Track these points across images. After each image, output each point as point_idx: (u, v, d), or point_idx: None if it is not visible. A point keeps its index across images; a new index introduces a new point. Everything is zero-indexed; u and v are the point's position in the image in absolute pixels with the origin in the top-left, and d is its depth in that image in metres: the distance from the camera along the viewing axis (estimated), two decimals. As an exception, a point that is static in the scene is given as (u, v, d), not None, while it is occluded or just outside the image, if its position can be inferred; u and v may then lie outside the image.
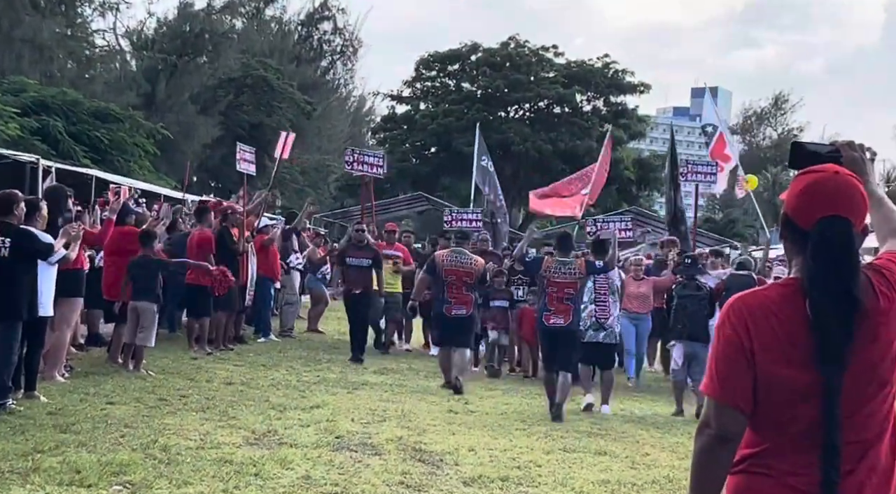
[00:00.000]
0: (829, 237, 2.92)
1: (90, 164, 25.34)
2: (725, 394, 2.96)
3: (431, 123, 55.24)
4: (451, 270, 13.54)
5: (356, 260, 16.20)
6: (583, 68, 56.98)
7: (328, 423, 10.21)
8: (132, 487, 7.14)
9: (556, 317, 11.96)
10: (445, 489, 7.82)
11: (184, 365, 13.56)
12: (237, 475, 7.69)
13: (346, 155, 20.65)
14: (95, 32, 44.68)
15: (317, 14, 61.10)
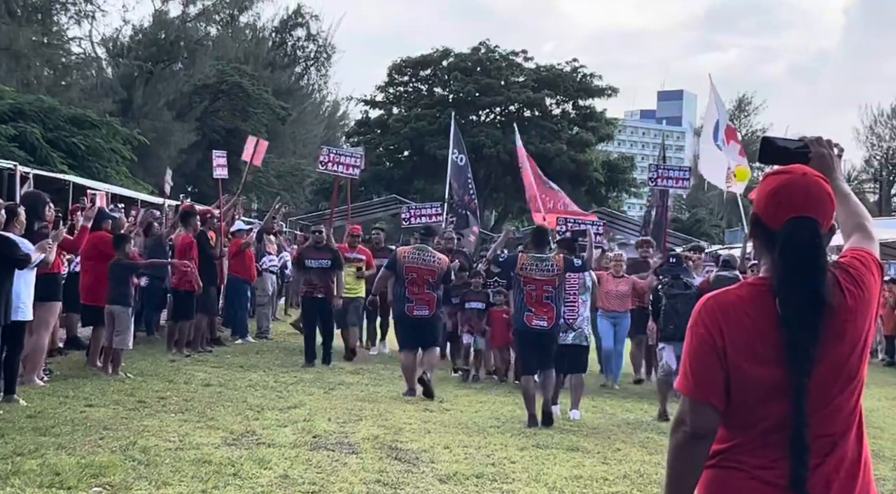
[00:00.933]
0: (797, 238, 2.94)
1: (67, 170, 25.11)
2: (699, 392, 2.97)
3: (404, 127, 55.23)
4: (413, 267, 12.62)
5: (316, 261, 15.37)
6: (552, 73, 57.08)
7: (305, 423, 10.18)
8: (112, 488, 7.09)
9: (538, 319, 11.09)
10: (421, 486, 7.81)
11: (162, 367, 13.51)
12: (216, 475, 7.66)
13: (322, 155, 19.27)
14: (72, 40, 44.47)
15: (290, 21, 61.08)
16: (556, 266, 11.18)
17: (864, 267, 3.08)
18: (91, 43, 46.06)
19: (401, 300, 12.72)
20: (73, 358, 13.50)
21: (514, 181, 54.27)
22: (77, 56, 44.98)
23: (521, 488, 8.00)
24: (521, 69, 57.75)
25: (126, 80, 43.89)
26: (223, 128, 46.08)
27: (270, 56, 58.03)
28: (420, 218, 19.48)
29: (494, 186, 55.54)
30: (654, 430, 11.37)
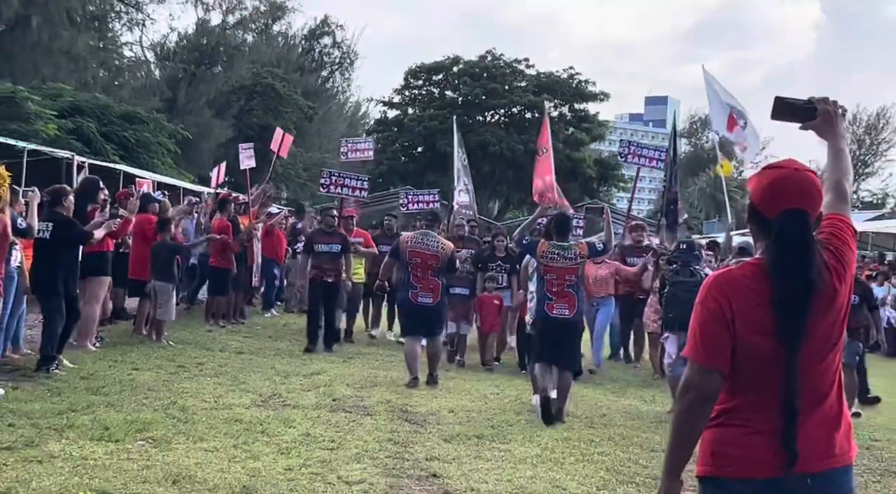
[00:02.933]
0: (790, 228, 3.01)
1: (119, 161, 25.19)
2: (709, 360, 3.04)
3: (418, 126, 55.22)
4: (416, 253, 11.06)
5: (326, 246, 13.70)
6: (551, 79, 57.01)
7: (326, 388, 10.22)
8: (154, 442, 7.13)
9: (560, 307, 9.56)
10: (428, 445, 7.83)
11: (200, 336, 13.54)
12: (246, 432, 7.71)
13: (342, 146, 18.73)
14: (124, 45, 44.57)
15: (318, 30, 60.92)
16: (580, 254, 9.74)
17: (841, 242, 3.14)
18: (141, 47, 46.27)
19: (405, 286, 11.20)
20: (121, 328, 13.53)
21: (515, 175, 54.35)
22: (129, 59, 45.07)
23: (516, 447, 8.02)
24: (522, 75, 57.66)
25: (171, 81, 43.92)
26: (257, 124, 46.02)
27: (300, 61, 57.91)
28: (418, 204, 18.15)
29: (498, 180, 55.53)
30: (636, 398, 11.38)
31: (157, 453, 6.82)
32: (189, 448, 7.03)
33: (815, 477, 2.99)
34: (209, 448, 7.10)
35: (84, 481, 5.89)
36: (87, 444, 6.87)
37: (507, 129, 55.48)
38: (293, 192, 46.44)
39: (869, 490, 7.57)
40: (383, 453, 7.42)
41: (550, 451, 7.94)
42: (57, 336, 9.86)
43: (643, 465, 7.70)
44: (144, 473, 6.22)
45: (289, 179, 47.24)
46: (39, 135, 22.68)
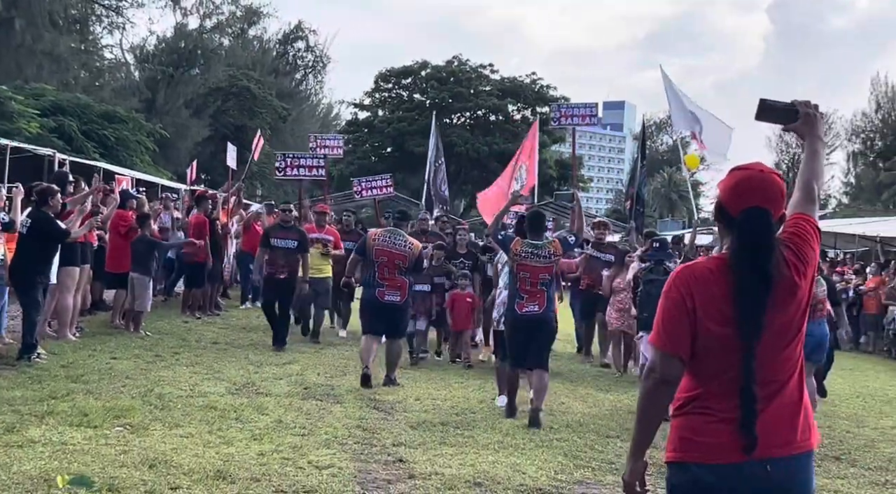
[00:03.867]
0: (751, 224, 3.05)
1: (99, 158, 25.03)
2: (670, 345, 3.08)
3: (388, 128, 55.15)
4: (383, 251, 10.28)
5: (282, 241, 12.75)
6: (514, 83, 57.15)
7: (298, 377, 10.19)
8: (131, 428, 7.08)
9: (530, 304, 8.88)
10: (395, 431, 7.82)
11: (176, 327, 13.45)
12: (221, 418, 7.67)
13: (311, 141, 17.94)
14: (105, 47, 44.16)
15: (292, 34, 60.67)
16: (554, 253, 9.00)
17: (802, 241, 3.18)
18: (121, 50, 45.86)
19: (370, 284, 10.39)
20: (99, 318, 13.41)
21: (479, 175, 54.39)
22: (109, 61, 44.69)
23: (479, 434, 8.02)
24: (487, 80, 57.74)
25: (150, 82, 43.57)
26: (233, 124, 45.83)
27: (274, 64, 57.65)
28: (371, 190, 17.12)
29: (464, 180, 55.50)
30: (592, 387, 11.40)
31: (134, 438, 6.76)
32: (165, 434, 6.98)
33: (774, 463, 3.03)
34: (185, 433, 7.05)
35: (63, 465, 5.83)
36: (67, 430, 6.81)
37: (473, 131, 55.56)
38: (267, 190, 46.24)
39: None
40: (352, 439, 7.41)
41: (511, 437, 7.95)
42: (36, 326, 9.76)
43: (599, 450, 7.74)
44: (122, 458, 6.17)
45: (264, 178, 47.03)
46: (22, 134, 22.48)
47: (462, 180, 55.19)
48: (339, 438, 7.38)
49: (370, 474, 6.42)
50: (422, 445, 7.40)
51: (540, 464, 7.06)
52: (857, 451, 8.76)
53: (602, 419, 9.20)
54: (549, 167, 55.25)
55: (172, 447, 6.58)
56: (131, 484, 5.58)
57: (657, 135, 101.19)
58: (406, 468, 6.64)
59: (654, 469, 7.26)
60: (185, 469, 6.03)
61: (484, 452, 7.34)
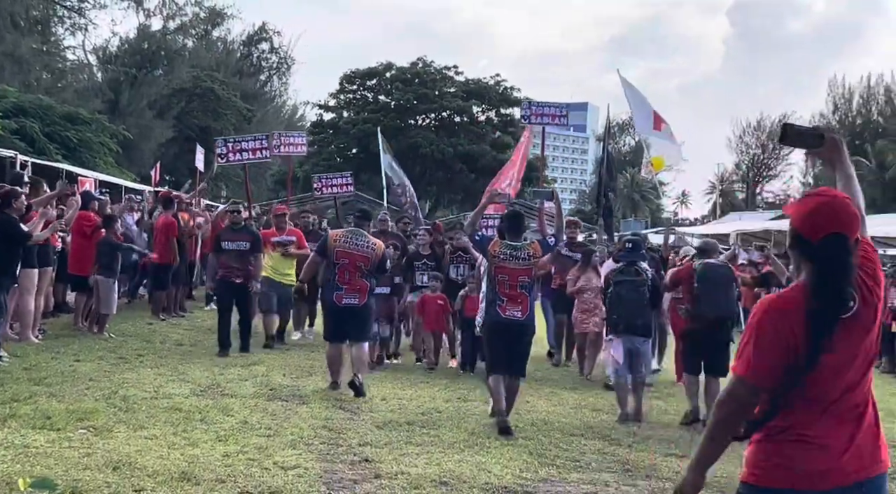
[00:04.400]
0: (832, 251, 3.05)
1: (62, 160, 24.75)
2: (757, 378, 3.08)
3: (353, 129, 54.92)
4: (345, 252, 9.70)
5: (233, 243, 12.08)
6: (478, 85, 57.16)
7: (264, 377, 10.12)
8: (95, 431, 7.01)
9: (512, 308, 8.47)
10: (361, 431, 7.80)
11: (141, 329, 13.29)
12: (185, 420, 7.61)
13: (273, 138, 16.92)
14: (67, 48, 43.81)
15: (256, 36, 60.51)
16: (533, 255, 8.59)
17: (873, 263, 3.20)
18: (84, 51, 45.54)
19: (330, 287, 9.80)
20: (63, 321, 13.23)
21: (444, 176, 54.51)
22: (72, 62, 44.32)
23: (445, 433, 8.02)
24: (452, 81, 57.68)
25: (113, 84, 43.20)
26: (197, 126, 45.55)
27: (238, 65, 57.43)
28: (331, 188, 16.44)
29: (429, 181, 55.47)
30: (556, 385, 11.42)
31: (98, 441, 6.69)
32: (129, 436, 6.91)
33: (866, 484, 3.07)
34: (149, 435, 6.98)
35: (25, 468, 5.75)
36: (30, 433, 6.72)
37: (437, 133, 55.52)
38: (232, 192, 45.99)
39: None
40: (318, 439, 7.38)
41: (477, 436, 7.96)
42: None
43: (563, 448, 7.77)
44: (85, 460, 6.10)
45: (228, 179, 46.79)
46: (-17, 136, 22.19)
47: (427, 181, 55.15)
48: (304, 438, 7.35)
49: (336, 474, 6.39)
50: (388, 445, 7.39)
51: (505, 463, 7.07)
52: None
53: (566, 417, 9.23)
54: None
55: (137, 449, 6.52)
56: (95, 487, 5.52)
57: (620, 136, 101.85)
58: (372, 467, 6.63)
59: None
60: (150, 470, 5.98)
61: (450, 451, 7.34)
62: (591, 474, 7.02)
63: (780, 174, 77.19)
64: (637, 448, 8.04)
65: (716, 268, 9.57)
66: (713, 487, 6.86)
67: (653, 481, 6.93)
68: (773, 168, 77.19)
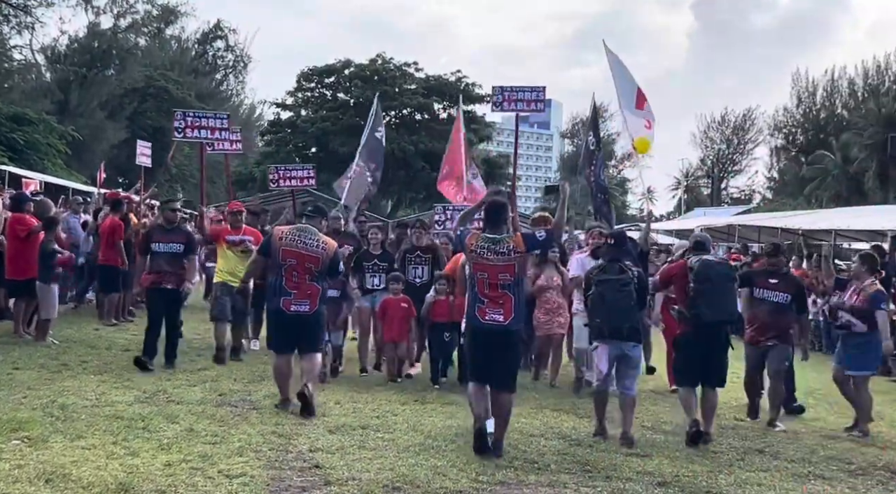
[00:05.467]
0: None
1: (8, 162, 24.37)
2: None
3: (311, 127, 54.70)
4: (292, 252, 8.74)
5: (164, 245, 10.95)
6: (439, 82, 57.10)
7: (213, 383, 9.89)
8: (30, 441, 6.78)
9: (492, 311, 7.54)
10: (312, 436, 7.62)
11: (86, 334, 12.99)
12: (127, 429, 7.39)
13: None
14: (13, 48, 43.12)
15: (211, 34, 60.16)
16: (514, 248, 7.58)
17: None
18: (31, 50, 44.91)
19: (276, 292, 8.84)
20: (4, 327, 12.89)
21: (406, 174, 54.31)
22: (18, 62, 43.77)
23: (400, 436, 7.86)
24: (412, 78, 57.57)
25: (63, 84, 42.75)
26: (151, 126, 45.12)
27: (193, 64, 57.10)
28: (289, 180, 15.02)
29: (390, 180, 55.21)
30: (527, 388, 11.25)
31: (32, 452, 6.46)
32: (66, 447, 6.68)
33: None
34: (87, 445, 6.76)
35: (-49, 483, 5.52)
36: (-43, 446, 6.47)
37: (398, 130, 55.33)
38: (188, 193, 45.53)
39: (734, 466, 7.63)
40: (267, 446, 7.18)
41: (433, 439, 7.80)
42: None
43: (522, 449, 7.64)
44: (16, 473, 5.87)
45: (184, 180, 46.35)
46: (-78, 138, 21.78)
47: (389, 180, 54.88)
48: (253, 445, 7.15)
49: (284, 482, 6.21)
50: (340, 449, 7.22)
51: (461, 466, 6.92)
52: (779, 443, 8.81)
53: (526, 417, 9.07)
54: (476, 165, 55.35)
55: (72, 459, 6.29)
56: (24, 501, 5.29)
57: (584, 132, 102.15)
58: (322, 474, 6.46)
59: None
60: (85, 482, 5.77)
61: (404, 455, 7.18)
62: (549, 476, 6.89)
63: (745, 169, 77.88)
64: (597, 448, 7.93)
65: (714, 266, 8.75)
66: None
67: (613, 481, 6.82)
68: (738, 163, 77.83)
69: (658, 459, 7.70)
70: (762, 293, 9.95)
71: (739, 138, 77.21)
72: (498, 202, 8.07)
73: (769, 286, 9.95)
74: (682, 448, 8.21)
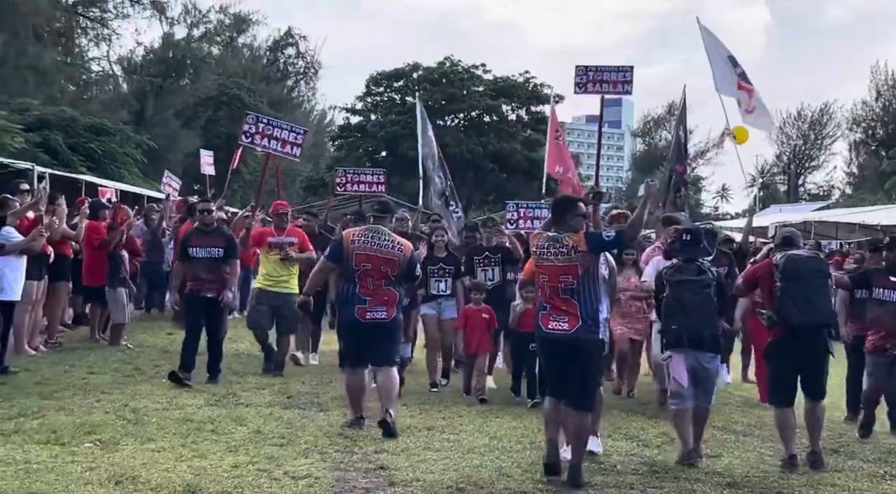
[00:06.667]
0: None
1: (87, 171, 24.96)
2: None
3: (381, 131, 54.95)
4: (365, 255, 7.98)
5: (203, 250, 10.21)
6: (507, 83, 56.91)
7: (281, 386, 9.99)
8: (101, 444, 6.93)
9: (555, 320, 6.78)
10: (378, 438, 7.63)
11: (160, 339, 13.19)
12: (196, 431, 7.51)
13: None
14: (91, 60, 44.28)
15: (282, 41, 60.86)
16: (575, 247, 6.74)
17: None
18: (108, 62, 45.97)
19: (348, 300, 8.06)
20: (80, 333, 13.20)
21: (475, 176, 54.23)
22: (96, 73, 44.86)
23: (465, 438, 7.85)
24: (480, 80, 57.50)
25: (139, 94, 43.60)
26: (224, 134, 45.76)
27: (265, 71, 57.82)
28: (358, 185, 14.06)
29: (459, 182, 55.30)
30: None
31: (103, 454, 6.59)
32: (136, 449, 6.81)
33: None
34: (157, 448, 6.88)
35: (24, 484, 5.66)
36: (33, 448, 6.64)
37: (467, 132, 55.34)
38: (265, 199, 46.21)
39: (806, 466, 7.44)
40: (333, 448, 7.23)
41: (499, 440, 7.78)
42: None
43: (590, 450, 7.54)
44: (87, 475, 6.00)
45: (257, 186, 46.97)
46: (6, 149, 22.38)
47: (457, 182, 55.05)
48: (319, 447, 7.21)
49: (349, 483, 6.25)
50: (405, 451, 7.23)
51: (526, 467, 6.88)
52: (855, 443, 8.59)
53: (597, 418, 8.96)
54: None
55: (142, 462, 6.40)
56: (94, 502, 5.40)
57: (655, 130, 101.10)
58: (387, 475, 6.47)
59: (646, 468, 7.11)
60: (153, 484, 5.86)
61: (469, 456, 7.16)
62: (616, 476, 6.82)
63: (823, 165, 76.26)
64: (665, 449, 7.81)
65: (804, 261, 7.59)
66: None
67: (681, 482, 6.72)
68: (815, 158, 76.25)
69: (728, 459, 7.58)
70: (883, 293, 8.91)
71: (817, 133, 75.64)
72: (565, 198, 7.50)
73: (891, 285, 8.89)
74: (753, 447, 8.05)
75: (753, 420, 9.10)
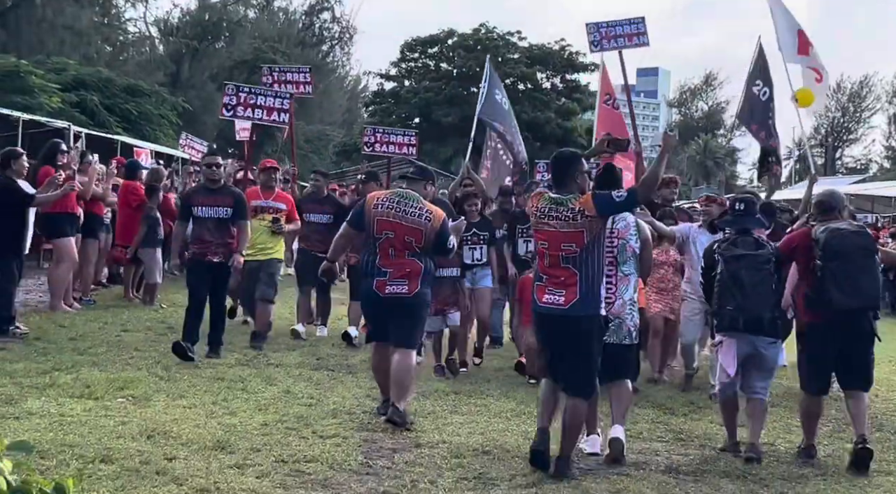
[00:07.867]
0: None
1: (122, 132, 25.13)
2: None
3: (414, 98, 54.85)
4: (388, 223, 7.06)
5: (208, 209, 9.24)
6: (542, 50, 56.52)
7: (311, 347, 10.11)
8: (134, 400, 7.04)
9: (551, 292, 5.97)
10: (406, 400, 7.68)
11: (194, 299, 13.32)
12: (226, 389, 7.61)
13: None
14: (128, 20, 44.54)
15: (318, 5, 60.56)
16: (582, 210, 5.90)
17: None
18: (145, 23, 46.23)
19: (368, 271, 7.18)
20: (114, 291, 13.36)
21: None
22: (133, 34, 45.12)
23: (492, 402, 7.93)
24: (515, 47, 57.12)
25: (175, 56, 43.83)
26: (260, 98, 45.94)
27: (300, 36, 57.63)
28: (387, 145, 13.11)
29: (493, 149, 55.18)
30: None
31: (135, 409, 6.70)
32: (168, 405, 6.92)
33: None
34: (188, 404, 6.98)
35: (59, 436, 5.76)
36: (67, 401, 6.76)
37: (501, 100, 55.11)
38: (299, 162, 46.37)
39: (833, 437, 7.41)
40: (360, 409, 7.31)
41: (526, 405, 7.80)
42: (12, 297, 9.45)
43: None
44: (120, 429, 6.10)
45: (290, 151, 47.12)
46: (44, 108, 22.56)
47: (491, 150, 54.92)
48: (347, 408, 7.29)
49: (375, 443, 6.31)
50: (432, 414, 7.30)
51: (553, 432, 6.89)
52: (883, 415, 8.55)
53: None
54: (579, 135, 54.68)
55: (173, 418, 6.50)
56: (126, 455, 5.49)
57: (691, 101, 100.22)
58: (413, 437, 6.54)
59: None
60: (184, 439, 5.95)
61: (495, 420, 7.22)
62: (641, 443, 6.85)
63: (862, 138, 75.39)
64: (691, 418, 7.83)
65: (848, 237, 6.59)
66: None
67: (706, 450, 6.73)
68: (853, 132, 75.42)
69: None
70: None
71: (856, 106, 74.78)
72: (564, 155, 6.37)
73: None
74: (779, 417, 8.00)
75: (781, 390, 9.04)
